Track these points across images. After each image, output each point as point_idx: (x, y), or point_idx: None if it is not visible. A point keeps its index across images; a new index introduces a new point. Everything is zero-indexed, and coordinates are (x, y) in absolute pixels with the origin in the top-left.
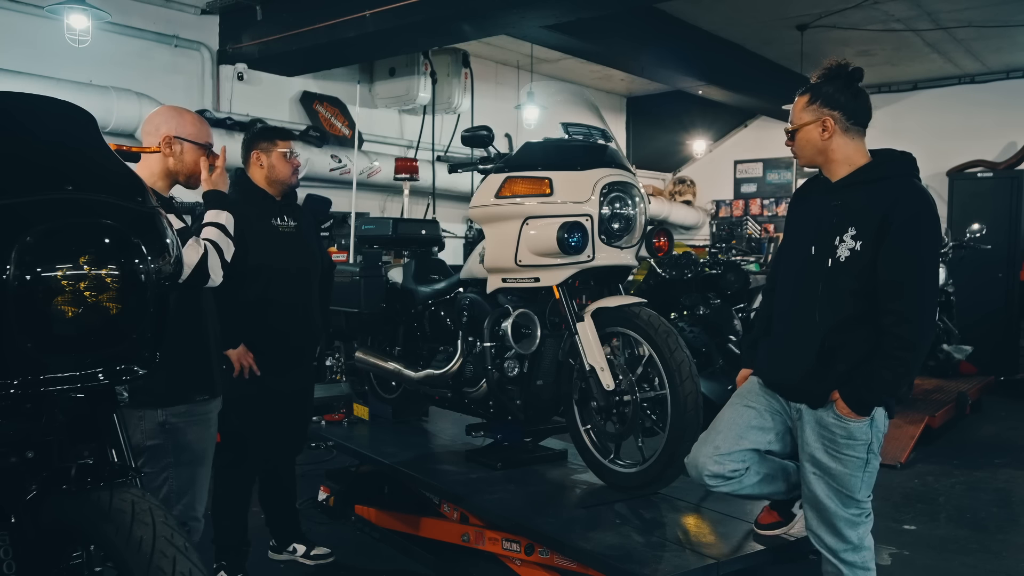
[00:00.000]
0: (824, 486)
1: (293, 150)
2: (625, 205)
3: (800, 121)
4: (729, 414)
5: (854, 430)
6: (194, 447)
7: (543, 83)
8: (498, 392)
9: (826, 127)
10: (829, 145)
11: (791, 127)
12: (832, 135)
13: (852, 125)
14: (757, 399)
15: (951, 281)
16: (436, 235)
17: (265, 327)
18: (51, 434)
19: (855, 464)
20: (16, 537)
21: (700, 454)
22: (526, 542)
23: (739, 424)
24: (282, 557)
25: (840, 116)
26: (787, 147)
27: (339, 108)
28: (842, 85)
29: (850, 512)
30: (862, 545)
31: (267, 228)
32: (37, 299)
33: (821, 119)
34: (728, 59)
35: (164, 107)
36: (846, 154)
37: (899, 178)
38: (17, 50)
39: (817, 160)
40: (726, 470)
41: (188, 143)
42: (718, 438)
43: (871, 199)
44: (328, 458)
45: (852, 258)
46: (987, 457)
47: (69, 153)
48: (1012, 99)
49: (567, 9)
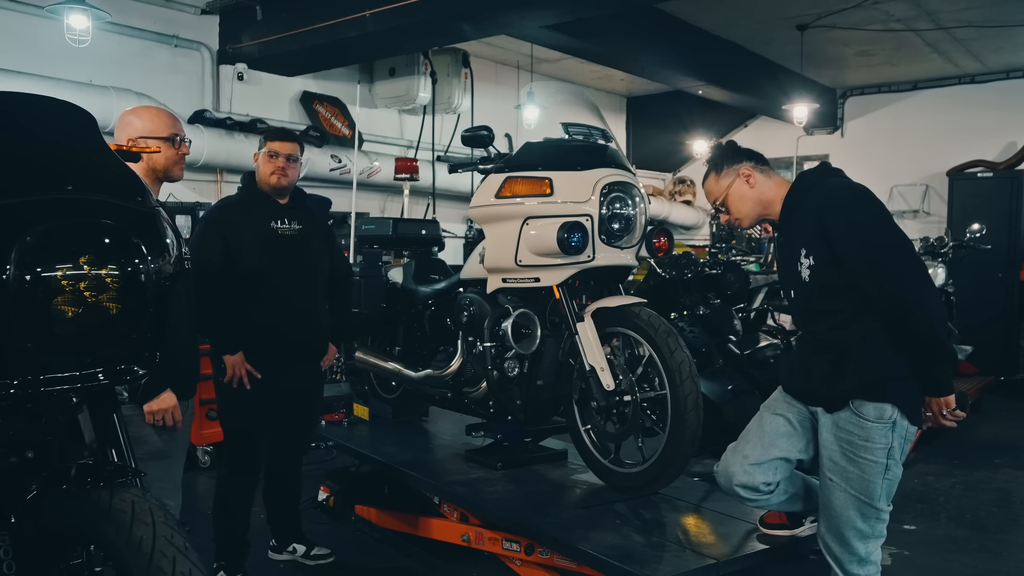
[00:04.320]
0: (841, 494)
1: (278, 151)
2: (625, 205)
3: (722, 188)
4: (757, 423)
5: (872, 432)
6: (151, 441)
7: (543, 83)
8: (498, 392)
9: (748, 175)
10: (760, 190)
11: (718, 200)
12: (756, 180)
13: (764, 167)
14: (784, 407)
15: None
16: (436, 235)
17: (264, 327)
18: (51, 434)
19: (873, 469)
20: (16, 537)
21: (730, 464)
22: (526, 542)
23: (768, 432)
24: (282, 557)
25: (750, 164)
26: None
27: (339, 108)
28: (730, 150)
29: (866, 524)
30: (868, 559)
31: (264, 231)
32: (37, 299)
33: (739, 173)
34: (728, 59)
35: (128, 111)
36: (777, 192)
37: (816, 188)
38: (17, 50)
39: (758, 210)
40: (758, 482)
41: (153, 140)
42: (747, 447)
43: (802, 218)
44: (328, 458)
45: (813, 275)
46: (987, 457)
47: (69, 153)
48: (1012, 99)
49: (567, 9)
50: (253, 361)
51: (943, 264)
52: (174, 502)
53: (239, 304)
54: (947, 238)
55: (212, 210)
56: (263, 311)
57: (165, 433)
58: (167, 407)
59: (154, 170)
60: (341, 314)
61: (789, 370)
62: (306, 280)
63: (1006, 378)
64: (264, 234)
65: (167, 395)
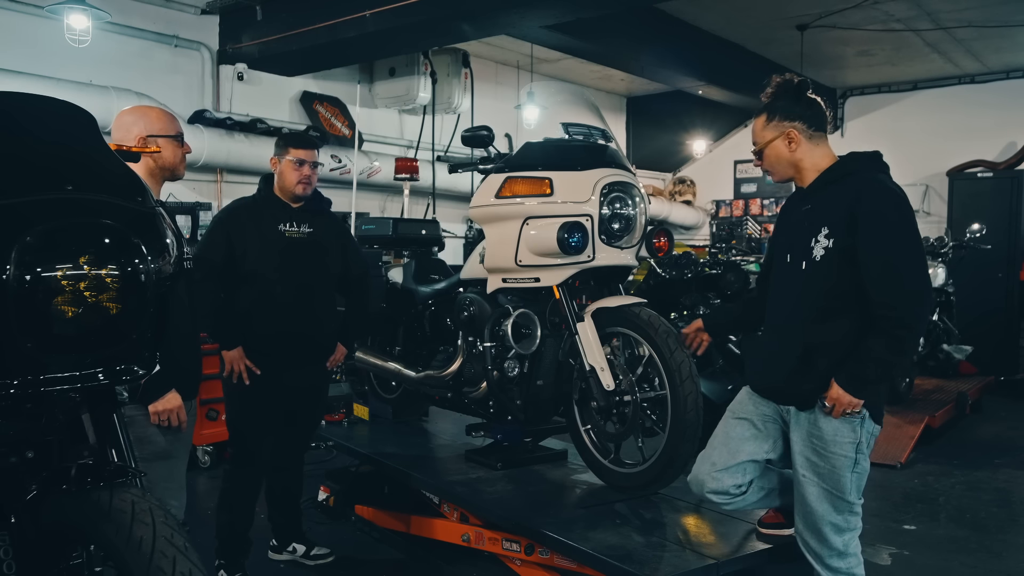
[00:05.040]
0: (814, 488)
1: (304, 159)
2: (625, 205)
3: (764, 139)
4: (723, 429)
5: (841, 428)
6: (156, 441)
7: (543, 83)
8: (498, 392)
9: (791, 138)
10: (797, 155)
11: (757, 147)
12: (799, 145)
13: (814, 132)
14: (748, 410)
15: (951, 281)
16: (436, 235)
17: (268, 327)
18: (51, 434)
19: (843, 463)
20: (16, 537)
21: (699, 472)
22: (526, 542)
23: (733, 438)
24: (282, 557)
25: (802, 126)
26: (757, 167)
27: (339, 108)
28: (793, 98)
29: (840, 516)
30: (847, 552)
31: (272, 233)
32: (37, 299)
33: (785, 132)
34: (728, 59)
35: (128, 110)
36: (814, 161)
37: (862, 173)
38: (17, 50)
39: (789, 173)
40: (727, 486)
41: (162, 138)
42: (714, 454)
43: (837, 196)
44: (328, 458)
45: (826, 256)
46: (987, 457)
47: (69, 153)
48: (1012, 99)
49: (567, 9)
50: (258, 360)
51: (943, 264)
52: (179, 502)
53: (242, 303)
54: (947, 238)
55: (223, 211)
56: (267, 311)
57: (169, 433)
58: (172, 407)
59: (162, 168)
60: (353, 314)
61: (760, 367)
62: (314, 281)
63: (1006, 378)
64: (270, 236)
65: (172, 395)
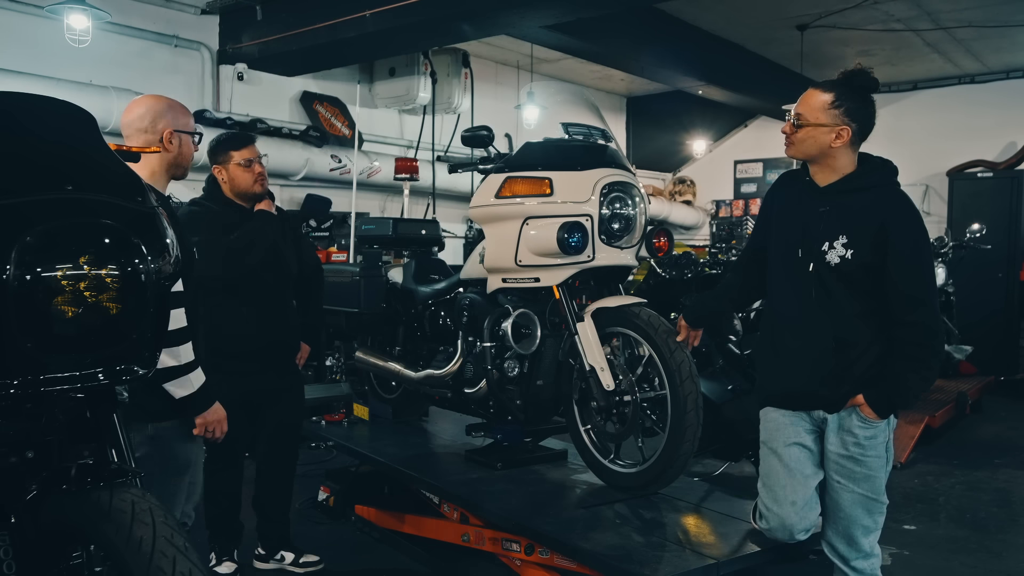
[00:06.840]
0: (848, 495)
1: (250, 157)
2: (625, 205)
3: (817, 120)
4: (779, 463)
5: (876, 428)
6: (180, 458)
7: (543, 83)
8: (498, 392)
9: (841, 135)
10: (834, 151)
11: (802, 120)
12: (843, 144)
13: (860, 140)
14: (789, 433)
15: (951, 281)
16: (436, 235)
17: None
18: (51, 434)
19: (878, 463)
20: (16, 537)
21: (783, 516)
22: (526, 542)
23: (795, 469)
24: (269, 566)
25: (857, 129)
26: (783, 132)
27: (339, 108)
28: (864, 98)
29: (871, 519)
30: (872, 553)
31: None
32: (37, 299)
33: (839, 127)
34: (728, 59)
35: (148, 99)
36: (843, 163)
37: (886, 187)
38: (17, 50)
39: (812, 157)
40: (813, 518)
41: (185, 134)
42: (790, 493)
43: (864, 208)
44: (328, 458)
45: (842, 264)
46: (987, 457)
47: (69, 153)
48: (1012, 99)
49: (567, 9)
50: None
51: (943, 264)
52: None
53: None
54: (947, 238)
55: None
56: (229, 315)
57: (196, 443)
58: (219, 418)
59: (178, 164)
60: (311, 311)
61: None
62: (272, 282)
63: (1006, 378)
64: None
65: (216, 406)
